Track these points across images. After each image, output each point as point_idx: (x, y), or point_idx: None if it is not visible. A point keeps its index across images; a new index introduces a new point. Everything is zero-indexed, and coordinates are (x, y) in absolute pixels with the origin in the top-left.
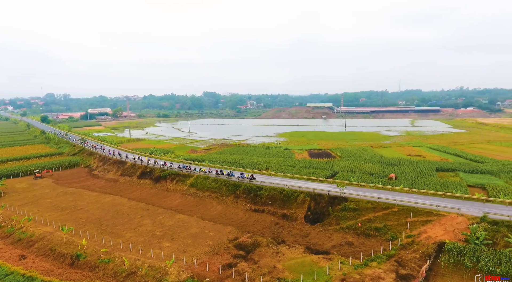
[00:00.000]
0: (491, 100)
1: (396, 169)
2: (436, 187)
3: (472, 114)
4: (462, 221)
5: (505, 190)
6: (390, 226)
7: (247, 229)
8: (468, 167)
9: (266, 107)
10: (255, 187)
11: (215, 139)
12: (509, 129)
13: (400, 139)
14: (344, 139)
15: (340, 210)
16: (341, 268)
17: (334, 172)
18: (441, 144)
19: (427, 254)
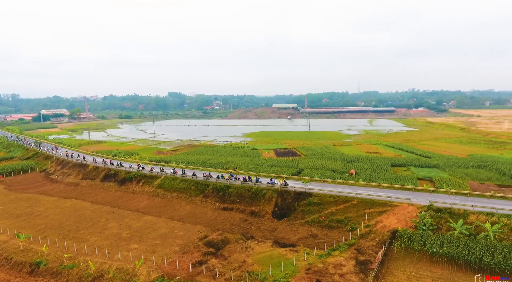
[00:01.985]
0: (438, 101)
1: (355, 165)
2: (390, 181)
3: (422, 114)
4: (412, 210)
5: (448, 181)
6: (351, 218)
7: (216, 227)
8: (418, 162)
9: (232, 108)
10: (223, 185)
11: (181, 140)
12: (453, 128)
13: (359, 138)
14: (309, 138)
15: (305, 205)
16: (306, 258)
17: (300, 169)
18: (395, 141)
19: (382, 241)
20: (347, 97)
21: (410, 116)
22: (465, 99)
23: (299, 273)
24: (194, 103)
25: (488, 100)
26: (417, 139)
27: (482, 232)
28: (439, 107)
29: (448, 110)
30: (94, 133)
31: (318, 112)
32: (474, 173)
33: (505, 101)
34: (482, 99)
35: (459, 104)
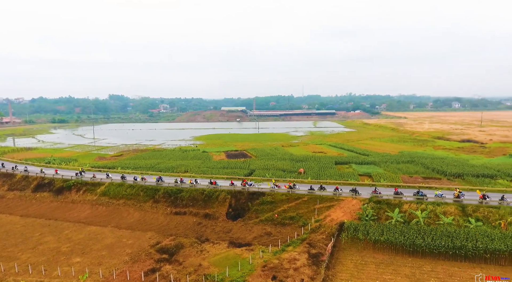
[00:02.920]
0: (372, 104)
1: (303, 164)
2: (335, 177)
3: (359, 116)
4: (356, 203)
5: (384, 176)
6: (302, 214)
7: (169, 233)
8: (358, 159)
9: (180, 111)
10: (175, 189)
11: (126, 145)
12: (385, 128)
13: (305, 138)
14: (258, 140)
15: (258, 204)
16: (262, 256)
17: (251, 170)
18: (338, 141)
19: (331, 233)
20: (292, 100)
21: (348, 118)
22: (394, 103)
23: (256, 271)
24: (139, 107)
25: (412, 104)
26: (356, 139)
27: (414, 218)
28: (372, 110)
29: (380, 113)
30: (21, 139)
31: (266, 115)
32: (404, 168)
33: (425, 105)
34: (407, 103)
35: (389, 107)
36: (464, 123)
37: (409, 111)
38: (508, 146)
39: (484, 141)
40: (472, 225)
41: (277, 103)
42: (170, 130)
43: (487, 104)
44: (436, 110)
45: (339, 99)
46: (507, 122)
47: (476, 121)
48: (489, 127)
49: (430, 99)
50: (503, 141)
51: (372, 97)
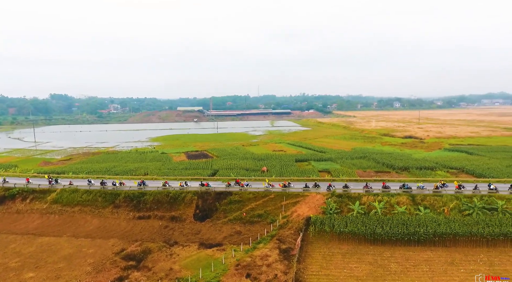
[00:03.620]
0: (324, 104)
1: (265, 163)
2: (298, 174)
3: (313, 115)
4: (320, 198)
5: (342, 171)
6: (270, 211)
7: (134, 238)
8: (316, 156)
9: (133, 111)
10: (137, 193)
11: (74, 148)
12: (338, 126)
13: (265, 138)
14: (218, 140)
15: (226, 203)
16: (234, 255)
17: (215, 170)
18: (295, 140)
19: (299, 228)
20: (249, 100)
21: (303, 117)
22: (343, 102)
23: (229, 271)
24: (85, 107)
25: (359, 104)
26: (312, 137)
27: (373, 209)
28: (325, 109)
29: (332, 112)
30: None
31: (223, 115)
32: (358, 163)
33: (371, 104)
34: (355, 103)
35: (339, 107)
36: (405, 121)
37: (357, 110)
38: (442, 141)
39: (423, 137)
40: (421, 212)
41: (234, 103)
42: (123, 132)
43: (422, 104)
44: (380, 109)
45: (294, 99)
46: (439, 120)
47: (414, 119)
48: (426, 125)
49: (374, 99)
50: (438, 137)
51: (324, 97)
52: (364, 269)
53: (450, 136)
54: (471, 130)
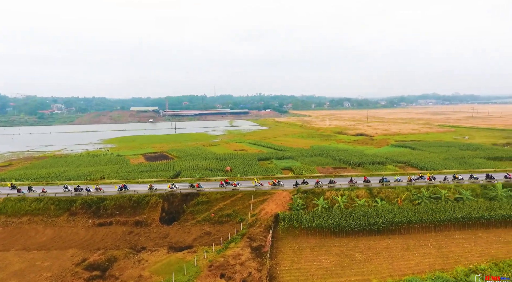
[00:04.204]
0: (280, 104)
1: (229, 162)
2: (261, 173)
3: (270, 115)
4: (286, 195)
5: (303, 168)
6: (238, 210)
7: (95, 247)
8: (278, 155)
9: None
10: (96, 198)
11: (14, 152)
12: (295, 125)
13: (225, 137)
14: (177, 141)
15: (194, 205)
16: (206, 256)
17: (177, 172)
18: (256, 139)
19: (268, 226)
20: (206, 100)
21: (261, 117)
22: (298, 102)
23: (203, 272)
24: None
25: (313, 103)
26: (271, 136)
27: (336, 203)
28: (281, 109)
29: (288, 112)
30: None
31: (180, 115)
32: (317, 160)
33: (323, 104)
34: (309, 103)
35: (295, 106)
36: (355, 120)
37: (312, 110)
38: (389, 137)
39: (372, 134)
40: (378, 204)
41: (190, 103)
42: (70, 134)
43: (369, 104)
44: (332, 109)
45: (250, 99)
46: (385, 118)
47: (363, 118)
48: (373, 123)
49: (326, 99)
50: (385, 134)
51: (279, 97)
52: (332, 260)
53: (395, 133)
54: (412, 128)
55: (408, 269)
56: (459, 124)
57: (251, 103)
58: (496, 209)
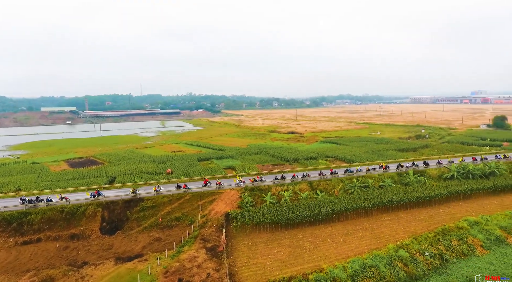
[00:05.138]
0: (212, 103)
1: (168, 164)
2: (205, 173)
3: (203, 115)
4: (235, 194)
5: (245, 167)
6: (187, 213)
7: (24, 268)
8: (217, 155)
9: None
10: (17, 213)
11: None
12: (229, 125)
13: (158, 139)
14: (105, 144)
15: (138, 211)
16: (160, 263)
17: (112, 177)
18: (192, 139)
19: (220, 225)
20: (132, 100)
21: (194, 117)
22: (230, 102)
23: (159, 280)
24: None
25: (244, 103)
26: (208, 136)
27: (282, 198)
28: (214, 109)
29: (221, 111)
30: None
31: (104, 116)
32: (256, 158)
33: (254, 104)
34: (241, 103)
35: (227, 106)
36: (285, 118)
37: (243, 109)
38: (317, 135)
39: (302, 132)
40: (319, 196)
41: (114, 103)
42: None
43: (295, 103)
44: (263, 108)
45: (181, 98)
46: (311, 117)
47: (292, 117)
48: (302, 121)
49: (257, 99)
50: (313, 131)
51: (211, 97)
52: (285, 252)
53: (322, 130)
54: (335, 125)
55: (350, 251)
56: (372, 121)
57: (182, 103)
58: (411, 192)
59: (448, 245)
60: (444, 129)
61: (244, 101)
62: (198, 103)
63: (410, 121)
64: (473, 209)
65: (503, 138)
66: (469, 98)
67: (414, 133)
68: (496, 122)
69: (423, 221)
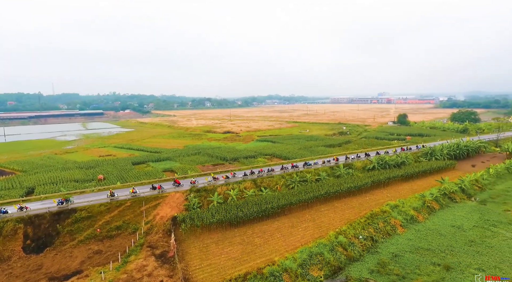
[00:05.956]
0: (140, 103)
1: (98, 170)
2: (143, 177)
3: (130, 115)
4: (180, 196)
5: (186, 168)
6: (129, 220)
7: None
8: (153, 157)
9: None
10: None
11: None
12: (162, 126)
13: (82, 142)
14: (14, 150)
15: (71, 223)
16: (104, 277)
17: (30, 188)
18: (122, 142)
19: (167, 230)
20: (43, 99)
21: (120, 118)
22: (160, 102)
23: None
24: None
25: (175, 103)
26: (139, 138)
27: (229, 197)
28: (143, 109)
29: (151, 112)
30: None
31: (7, 118)
32: (196, 159)
33: (186, 104)
34: (172, 103)
35: (157, 106)
36: (219, 118)
37: (175, 109)
38: (252, 134)
39: (238, 131)
40: (264, 192)
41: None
42: None
43: (227, 103)
44: (195, 108)
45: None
46: (244, 117)
47: (226, 117)
48: (236, 121)
49: (188, 99)
50: (248, 130)
51: (138, 96)
52: (237, 249)
53: (256, 129)
54: (268, 124)
55: (297, 242)
56: (300, 120)
57: (105, 103)
58: (343, 184)
59: (377, 227)
60: (361, 126)
61: (175, 101)
62: (124, 103)
63: (333, 119)
64: (391, 195)
65: (406, 133)
66: (377, 99)
67: (337, 131)
68: (399, 119)
69: (355, 208)
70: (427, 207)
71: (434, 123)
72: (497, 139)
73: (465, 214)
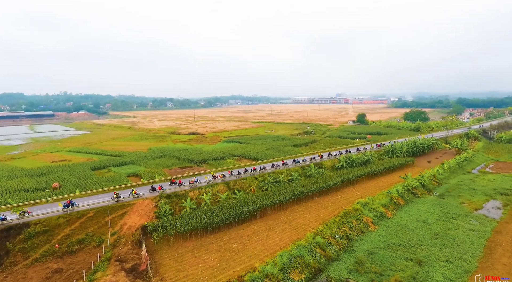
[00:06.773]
0: (96, 104)
1: (52, 177)
2: (106, 184)
3: (85, 117)
4: (149, 203)
5: (151, 172)
6: (93, 232)
7: None
8: (114, 161)
9: None
10: None
11: None
12: (121, 128)
13: (30, 147)
14: None
15: (24, 240)
16: None
17: None
18: (77, 146)
19: (137, 241)
20: None
21: (74, 120)
22: (118, 102)
23: None
24: None
25: (135, 104)
26: (97, 141)
27: (202, 202)
28: (98, 110)
29: (108, 113)
30: None
31: None
32: (161, 162)
33: (146, 104)
34: (131, 103)
35: (114, 107)
36: (183, 119)
37: (134, 110)
38: (218, 134)
39: (203, 132)
40: (238, 195)
41: None
42: None
43: (190, 104)
44: (156, 109)
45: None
46: (209, 117)
47: (190, 118)
48: (200, 122)
49: (148, 100)
50: (214, 131)
51: (93, 97)
52: (215, 257)
53: (222, 130)
54: (233, 125)
55: (276, 245)
56: (265, 120)
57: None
58: (315, 183)
59: (351, 226)
60: (324, 126)
61: (135, 102)
62: (77, 104)
63: (296, 119)
64: (360, 192)
65: (366, 132)
66: (335, 99)
67: (302, 130)
68: (359, 119)
69: (328, 208)
70: (394, 203)
71: (390, 122)
72: (446, 137)
73: (428, 208)
